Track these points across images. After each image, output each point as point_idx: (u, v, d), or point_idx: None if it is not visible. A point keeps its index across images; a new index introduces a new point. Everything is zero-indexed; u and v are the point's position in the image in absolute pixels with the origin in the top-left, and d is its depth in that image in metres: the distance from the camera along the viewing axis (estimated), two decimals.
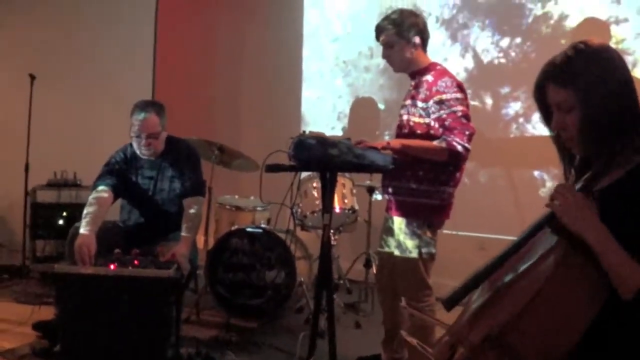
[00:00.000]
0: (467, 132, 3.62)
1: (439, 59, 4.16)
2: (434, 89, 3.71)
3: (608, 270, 1.75)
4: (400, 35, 3.82)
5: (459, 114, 3.63)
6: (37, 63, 6.88)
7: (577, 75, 1.89)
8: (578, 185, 1.91)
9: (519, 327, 1.73)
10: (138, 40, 7.57)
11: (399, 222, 3.86)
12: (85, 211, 4.16)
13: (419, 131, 3.77)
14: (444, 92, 3.67)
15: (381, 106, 7.20)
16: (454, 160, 3.68)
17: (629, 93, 1.91)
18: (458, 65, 6.29)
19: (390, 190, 3.92)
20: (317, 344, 3.73)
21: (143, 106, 4.36)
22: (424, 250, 3.80)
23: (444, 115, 3.64)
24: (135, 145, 4.42)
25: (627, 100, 1.90)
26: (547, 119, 2.04)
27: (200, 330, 4.93)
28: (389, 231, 3.98)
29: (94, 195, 4.28)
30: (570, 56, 1.93)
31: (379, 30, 3.90)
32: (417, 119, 3.79)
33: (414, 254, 3.79)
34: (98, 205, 4.21)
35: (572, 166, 2.05)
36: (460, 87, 3.74)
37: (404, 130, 3.89)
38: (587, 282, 1.75)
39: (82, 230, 4.02)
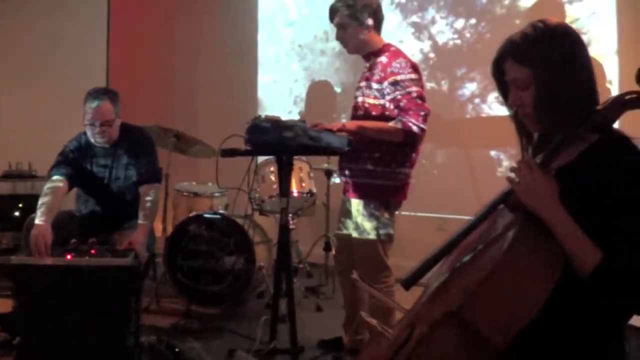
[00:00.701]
0: (422, 113, 3.63)
1: (394, 41, 4.16)
2: (388, 70, 3.71)
3: (564, 249, 1.76)
4: (354, 16, 3.81)
5: (414, 94, 3.65)
6: None
7: (534, 53, 1.90)
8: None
9: (478, 303, 1.74)
10: (91, 28, 7.46)
11: (356, 204, 3.87)
12: (40, 201, 4.09)
13: (374, 113, 3.78)
14: (398, 73, 3.68)
15: (337, 89, 7.20)
16: (410, 141, 3.69)
17: (586, 72, 1.92)
18: (413, 47, 6.30)
19: (347, 172, 3.93)
20: (279, 328, 3.77)
21: (96, 94, 4.30)
22: (382, 231, 3.82)
23: (399, 96, 3.65)
24: (89, 133, 4.36)
25: (583, 79, 1.90)
26: (505, 96, 2.04)
27: (161, 319, 4.91)
28: (347, 213, 3.98)
29: (48, 185, 4.22)
30: (529, 34, 1.93)
31: (333, 11, 3.89)
32: (372, 101, 3.79)
33: (372, 236, 3.80)
34: (53, 195, 4.15)
35: (530, 145, 2.06)
36: (414, 68, 3.75)
37: (359, 112, 3.89)
38: (542, 258, 1.75)
39: (37, 221, 3.95)
